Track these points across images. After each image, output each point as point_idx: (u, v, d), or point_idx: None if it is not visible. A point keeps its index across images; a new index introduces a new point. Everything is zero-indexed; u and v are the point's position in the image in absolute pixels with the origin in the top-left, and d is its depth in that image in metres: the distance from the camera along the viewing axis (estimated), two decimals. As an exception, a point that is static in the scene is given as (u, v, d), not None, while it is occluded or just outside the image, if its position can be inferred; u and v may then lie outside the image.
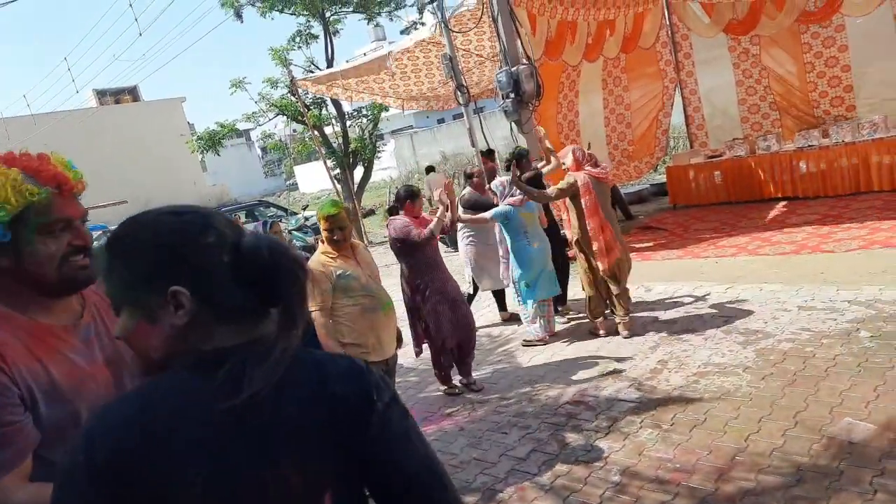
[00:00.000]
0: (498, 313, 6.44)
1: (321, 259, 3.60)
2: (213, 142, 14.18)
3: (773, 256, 6.31)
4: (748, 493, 2.85)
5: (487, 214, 5.29)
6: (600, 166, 5.22)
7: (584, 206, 4.98)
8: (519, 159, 5.79)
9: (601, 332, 5.24)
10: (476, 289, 6.36)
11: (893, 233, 6.06)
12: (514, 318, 6.28)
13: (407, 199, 4.64)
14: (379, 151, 15.56)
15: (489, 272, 6.04)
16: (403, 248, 4.50)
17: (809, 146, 8.44)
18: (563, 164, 5.28)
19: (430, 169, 14.04)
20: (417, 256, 4.53)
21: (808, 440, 3.15)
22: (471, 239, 6.06)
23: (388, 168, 26.40)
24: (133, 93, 34.97)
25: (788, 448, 3.12)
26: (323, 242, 3.70)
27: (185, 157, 23.17)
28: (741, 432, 3.35)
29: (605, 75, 10.00)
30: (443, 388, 4.85)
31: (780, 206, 8.35)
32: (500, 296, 6.37)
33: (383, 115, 14.52)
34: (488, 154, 8.49)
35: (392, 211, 4.88)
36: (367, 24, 17.49)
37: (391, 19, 15.21)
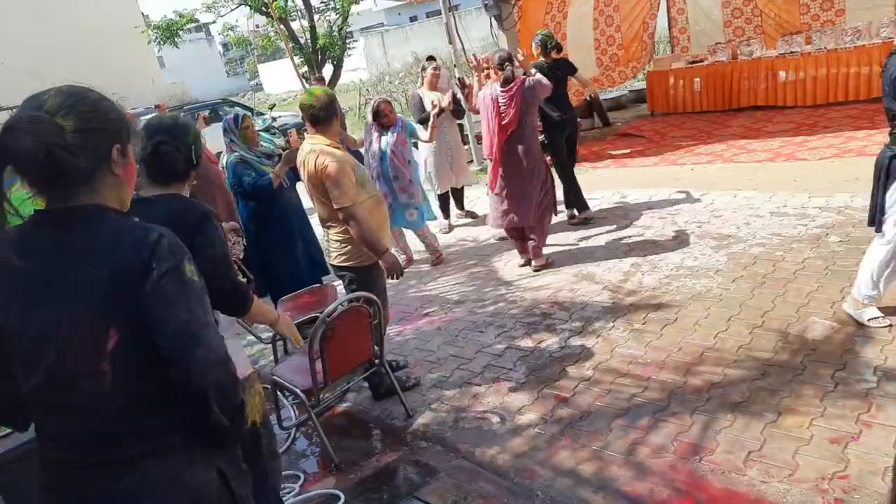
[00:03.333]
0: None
1: (337, 152, 3.14)
2: (170, 32, 13.25)
3: (749, 164, 6.33)
4: (715, 386, 2.98)
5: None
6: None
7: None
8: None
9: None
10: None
11: (867, 142, 6.10)
12: (471, 216, 6.57)
13: None
14: (349, 49, 14.78)
15: (447, 173, 6.11)
16: None
17: (791, 53, 8.28)
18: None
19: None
20: None
21: (774, 338, 3.27)
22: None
23: (358, 69, 25.23)
24: (79, -22, 32.15)
25: (755, 345, 3.24)
26: (317, 133, 3.19)
27: (142, 51, 21.71)
28: (710, 331, 3.46)
29: None
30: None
31: (758, 115, 8.29)
32: (457, 195, 6.50)
33: (353, 9, 13.66)
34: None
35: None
36: None
37: None
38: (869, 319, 3.18)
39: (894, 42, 6.13)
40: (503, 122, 4.53)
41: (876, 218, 3.09)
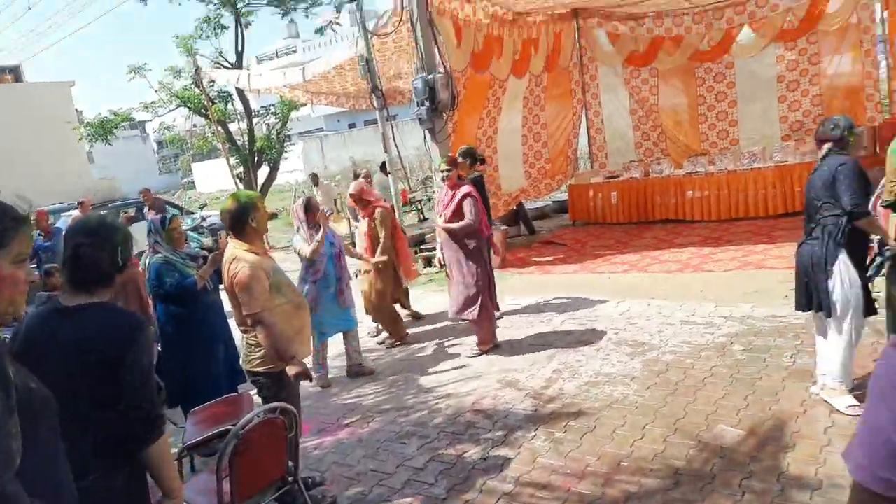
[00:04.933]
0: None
1: (252, 257, 3.14)
2: (104, 130, 13.19)
3: (661, 274, 6.73)
4: (631, 497, 3.00)
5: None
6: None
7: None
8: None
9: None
10: None
11: (765, 255, 6.65)
12: (415, 317, 6.53)
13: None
14: (286, 152, 15.11)
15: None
16: None
17: (696, 172, 9.12)
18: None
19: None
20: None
21: (686, 446, 3.36)
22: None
23: (295, 171, 25.68)
24: (15, 72, 31.94)
25: (668, 453, 3.32)
26: (235, 238, 3.23)
27: (71, 146, 21.38)
28: (627, 439, 3.52)
29: (527, 93, 10.25)
30: None
31: (669, 227, 8.93)
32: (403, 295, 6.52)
33: (293, 115, 14.13)
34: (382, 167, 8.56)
35: None
36: (282, 18, 17.03)
37: (307, 16, 14.88)
38: (847, 407, 3.37)
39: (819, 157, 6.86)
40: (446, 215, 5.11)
41: (824, 304, 3.42)
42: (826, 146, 3.50)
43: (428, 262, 8.45)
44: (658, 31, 10.12)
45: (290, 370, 3.17)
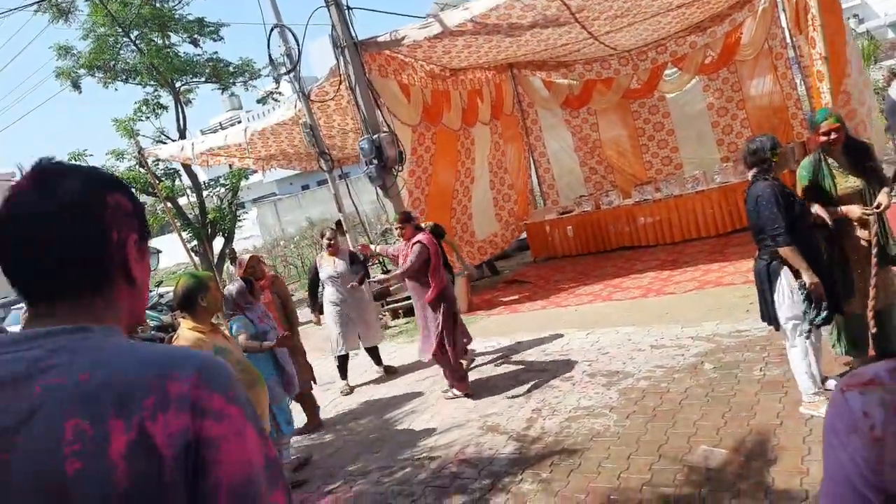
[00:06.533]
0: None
1: (192, 336, 3.25)
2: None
3: (625, 301, 6.84)
4: (626, 531, 2.96)
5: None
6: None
7: None
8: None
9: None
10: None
11: (722, 273, 6.85)
12: (390, 371, 6.38)
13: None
14: (240, 220, 14.97)
15: (356, 330, 6.10)
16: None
17: (645, 200, 9.41)
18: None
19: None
20: None
21: (672, 471, 3.35)
22: (337, 298, 6.03)
23: (252, 236, 25.44)
24: (-52, 166, 31.02)
25: (656, 481, 3.30)
26: (186, 318, 3.35)
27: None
28: (614, 472, 3.50)
29: (491, 144, 10.49)
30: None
31: (627, 255, 9.14)
32: (372, 351, 6.39)
33: (244, 183, 14.08)
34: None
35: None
36: (222, 93, 17.14)
37: (247, 89, 15.00)
38: None
39: (749, 179, 7.16)
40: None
41: (771, 317, 3.57)
42: (752, 171, 3.61)
43: (395, 315, 8.39)
44: (589, 75, 10.64)
45: None
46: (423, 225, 5.84)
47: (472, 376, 5.65)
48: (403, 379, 6.22)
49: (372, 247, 6.14)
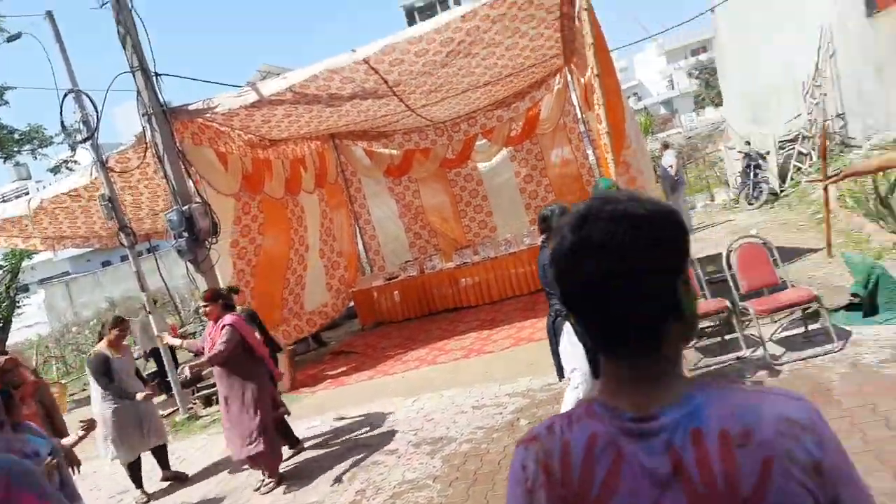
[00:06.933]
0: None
1: None
2: None
3: (448, 363, 6.95)
4: None
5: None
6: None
7: None
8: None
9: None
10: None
11: (533, 329, 7.26)
12: (179, 478, 5.67)
13: None
14: (20, 306, 12.96)
15: (136, 437, 5.35)
16: None
17: (465, 262, 9.83)
18: None
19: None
20: None
21: (492, 537, 3.34)
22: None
23: (37, 324, 22.07)
24: None
25: (477, 551, 3.25)
26: None
27: None
28: (436, 547, 3.39)
29: (320, 212, 10.32)
30: None
31: (451, 316, 9.38)
32: (159, 454, 5.65)
33: (26, 262, 12.29)
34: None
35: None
36: (4, 162, 15.12)
37: (35, 158, 13.38)
38: None
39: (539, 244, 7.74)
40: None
41: (557, 368, 3.91)
42: (542, 236, 4.04)
43: (208, 402, 7.67)
44: (408, 145, 11.12)
45: None
46: (236, 307, 5.46)
47: (294, 462, 5.28)
48: (201, 483, 5.57)
49: (174, 341, 5.50)
